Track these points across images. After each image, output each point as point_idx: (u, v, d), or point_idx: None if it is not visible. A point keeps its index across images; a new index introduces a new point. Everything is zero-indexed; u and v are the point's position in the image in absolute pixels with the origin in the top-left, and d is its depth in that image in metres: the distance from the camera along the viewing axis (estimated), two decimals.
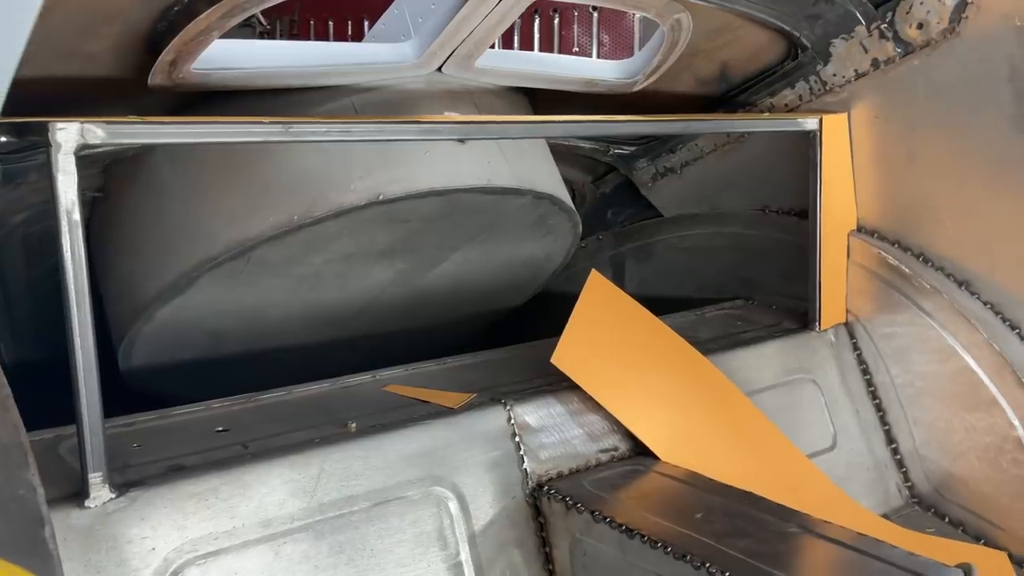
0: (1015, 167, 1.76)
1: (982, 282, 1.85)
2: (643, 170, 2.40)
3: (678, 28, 1.83)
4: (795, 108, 2.04)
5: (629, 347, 1.67)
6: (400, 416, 1.41)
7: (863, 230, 2.00)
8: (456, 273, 2.05)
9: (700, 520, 1.30)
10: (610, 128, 1.89)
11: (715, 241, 2.31)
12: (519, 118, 1.67)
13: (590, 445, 1.53)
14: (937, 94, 1.82)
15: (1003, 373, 1.80)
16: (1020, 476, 1.78)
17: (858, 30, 1.88)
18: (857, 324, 2.01)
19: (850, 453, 1.91)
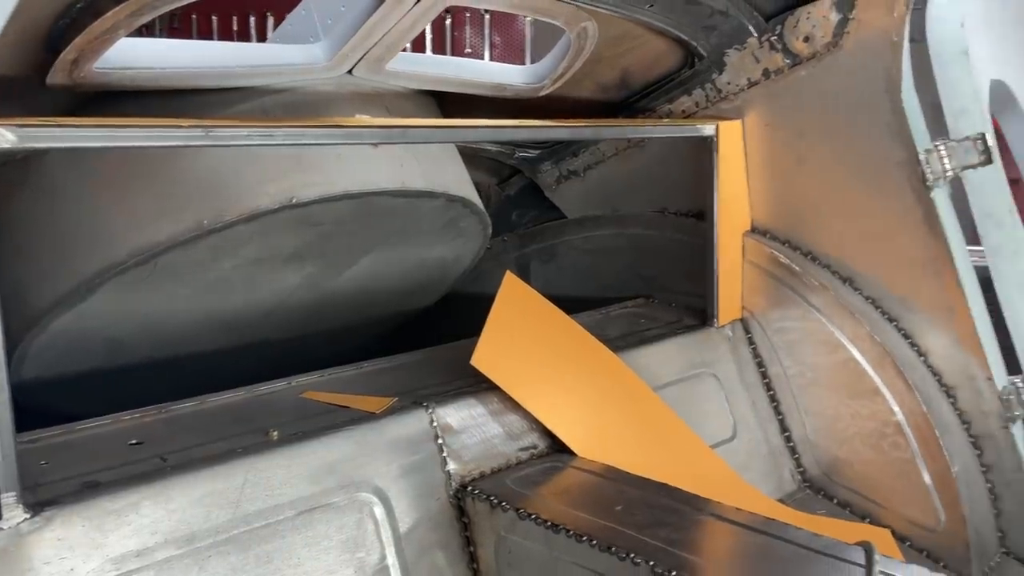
0: (891, 171, 1.90)
1: (863, 278, 1.99)
2: (547, 173, 2.45)
3: (584, 36, 1.88)
4: (692, 114, 2.14)
5: (544, 347, 1.71)
6: (322, 423, 1.40)
7: (756, 231, 2.11)
8: (366, 276, 2.04)
9: (621, 512, 1.35)
10: (524, 133, 1.93)
11: (617, 242, 2.39)
12: (441, 122, 1.69)
13: (510, 444, 1.56)
14: (823, 103, 1.94)
15: (884, 363, 1.94)
16: (900, 458, 1.93)
17: (750, 41, 1.99)
18: (752, 319, 2.12)
19: (748, 442, 2.01)
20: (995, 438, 1.90)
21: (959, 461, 1.88)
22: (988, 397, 1.89)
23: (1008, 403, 1.89)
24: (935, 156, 1.86)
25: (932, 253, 1.89)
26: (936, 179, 1.87)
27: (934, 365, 1.93)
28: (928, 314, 1.93)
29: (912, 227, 1.90)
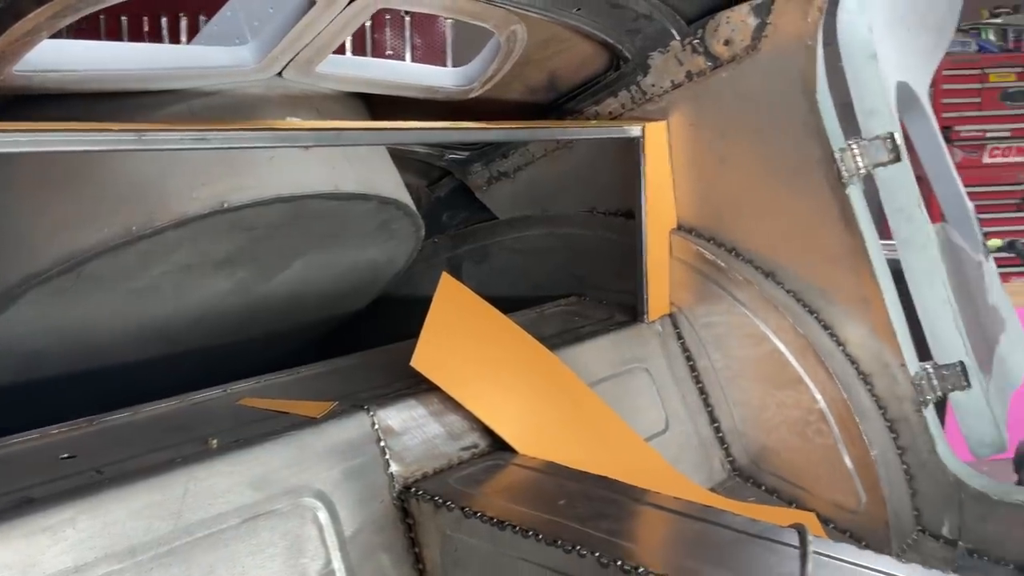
0: (809, 169, 1.98)
1: (785, 273, 2.07)
2: (477, 174, 2.47)
3: (513, 39, 1.90)
4: (619, 116, 2.18)
5: (482, 346, 1.73)
6: (262, 429, 1.39)
7: (682, 228, 2.17)
8: (298, 280, 2.02)
9: (564, 506, 1.38)
10: (457, 135, 1.94)
11: (548, 242, 2.42)
12: (376, 124, 1.69)
13: (452, 444, 1.57)
14: (743, 104, 2.01)
15: (806, 354, 2.02)
16: (823, 445, 2.01)
17: (673, 44, 2.05)
18: (680, 315, 2.18)
19: (680, 435, 2.07)
20: (909, 422, 2.00)
21: (877, 445, 1.97)
22: (902, 383, 1.99)
23: (920, 388, 2.00)
24: (849, 154, 1.95)
25: (848, 247, 1.98)
26: (850, 176, 1.96)
27: (852, 354, 2.02)
28: (846, 305, 2.02)
29: (829, 223, 1.98)
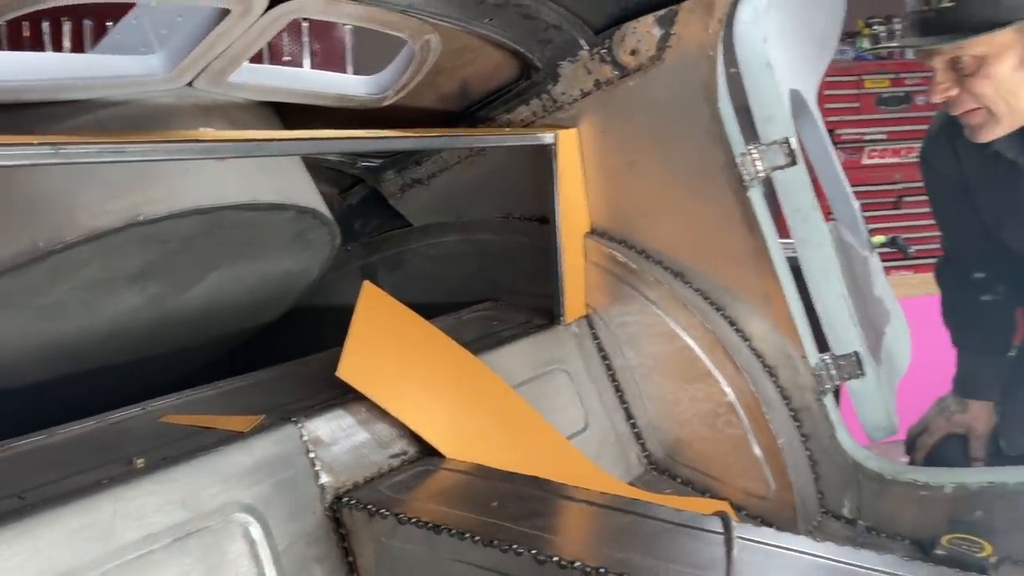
0: (713, 173, 2.07)
1: (693, 272, 2.16)
2: (391, 181, 2.47)
3: (427, 48, 1.92)
4: (531, 123, 2.23)
5: (407, 353, 1.74)
6: (188, 446, 1.36)
7: (595, 232, 2.23)
8: (211, 292, 1.97)
9: (497, 507, 1.41)
10: (379, 144, 1.94)
11: (463, 248, 2.45)
12: (297, 134, 1.67)
13: (381, 452, 1.58)
14: (650, 111, 2.09)
15: (715, 349, 2.11)
16: (733, 435, 2.11)
17: (582, 54, 2.11)
18: (595, 316, 2.24)
19: (599, 432, 2.13)
20: (811, 410, 2.12)
21: (783, 433, 2.09)
22: (803, 374, 2.11)
23: (820, 378, 2.12)
24: (749, 159, 2.06)
25: (751, 247, 2.08)
26: (751, 179, 2.06)
27: (757, 348, 2.13)
28: (750, 302, 2.13)
29: (733, 224, 2.08)
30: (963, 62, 1.71)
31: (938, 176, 2.17)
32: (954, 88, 1.76)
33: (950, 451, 2.29)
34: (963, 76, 1.73)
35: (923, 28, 1.75)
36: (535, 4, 1.91)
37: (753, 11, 2.05)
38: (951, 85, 1.77)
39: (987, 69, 1.70)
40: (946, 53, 1.74)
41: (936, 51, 1.75)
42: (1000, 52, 1.67)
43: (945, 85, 1.77)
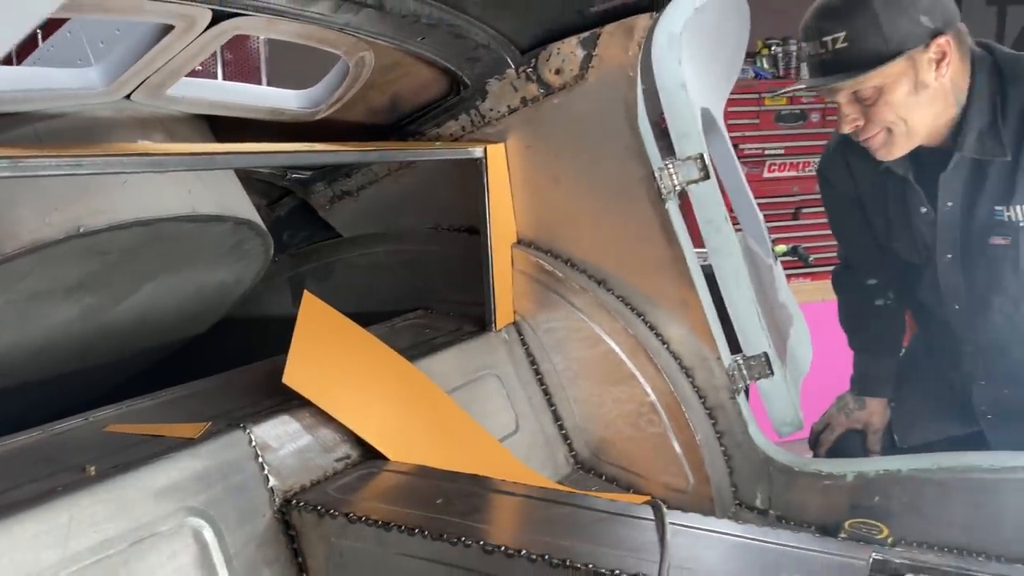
0: (633, 187, 2.19)
1: (615, 280, 2.28)
2: (320, 193, 2.51)
3: (362, 64, 1.98)
4: (459, 137, 2.31)
5: (347, 360, 1.79)
6: (139, 453, 1.38)
7: (522, 242, 2.33)
8: (145, 304, 1.98)
9: (442, 504, 1.48)
10: (313, 158, 1.98)
11: (393, 258, 2.51)
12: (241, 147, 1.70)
13: (326, 456, 1.63)
14: (574, 127, 2.20)
15: (637, 352, 2.23)
16: (655, 433, 2.23)
17: (509, 72, 2.20)
18: (523, 322, 2.33)
19: (529, 434, 2.22)
20: (725, 408, 2.26)
21: (701, 430, 2.22)
22: (718, 374, 2.25)
23: (733, 378, 2.26)
24: (666, 173, 2.19)
25: (669, 256, 2.21)
26: (668, 193, 2.19)
27: (675, 351, 2.26)
28: (668, 308, 2.25)
29: (652, 234, 2.21)
30: (864, 94, 1.87)
31: (834, 191, 2.34)
32: (860, 119, 1.92)
33: (850, 446, 2.46)
34: (866, 106, 1.90)
35: (823, 69, 1.91)
36: (466, 24, 1.99)
37: (668, 35, 2.18)
38: (857, 116, 1.93)
39: (886, 97, 1.86)
40: (848, 88, 1.90)
41: (839, 88, 1.90)
42: (895, 81, 1.85)
43: (852, 116, 1.93)
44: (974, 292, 2.08)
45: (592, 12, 2.07)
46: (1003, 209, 1.94)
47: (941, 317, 2.21)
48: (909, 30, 1.82)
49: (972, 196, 1.98)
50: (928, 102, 1.88)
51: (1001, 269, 2.00)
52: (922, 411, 2.38)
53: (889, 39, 1.81)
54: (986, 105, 1.89)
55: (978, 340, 2.15)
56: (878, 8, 1.80)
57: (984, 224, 1.98)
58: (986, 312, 2.09)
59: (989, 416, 2.25)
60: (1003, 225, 1.95)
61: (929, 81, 1.86)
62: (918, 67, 1.84)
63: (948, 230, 2.05)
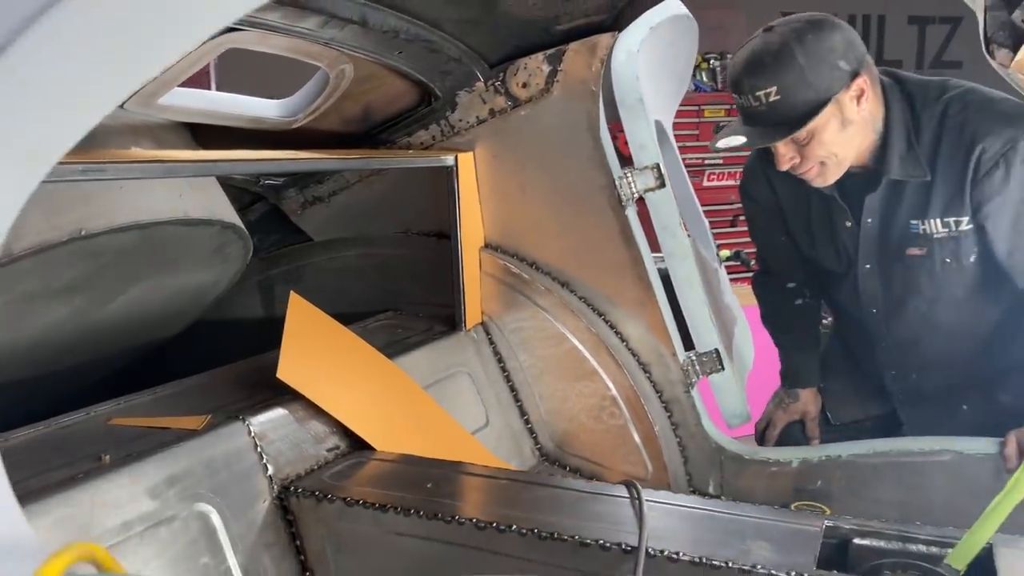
0: (595, 194, 2.32)
1: (578, 282, 2.41)
2: (292, 199, 2.59)
3: (341, 76, 2.08)
4: (429, 146, 2.42)
5: (334, 357, 1.89)
6: (148, 444, 1.46)
7: (490, 246, 2.45)
8: (131, 304, 2.04)
9: (432, 488, 1.59)
10: (298, 165, 2.07)
11: (363, 261, 2.60)
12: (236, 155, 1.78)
13: (318, 447, 1.72)
14: (540, 138, 2.33)
15: (599, 349, 2.37)
16: (616, 425, 2.38)
17: (478, 85, 2.32)
18: (491, 322, 2.46)
19: (498, 427, 2.34)
20: (680, 401, 2.41)
21: (658, 422, 2.37)
22: (673, 369, 2.40)
23: (687, 372, 2.41)
24: (625, 182, 2.33)
25: (628, 259, 2.35)
26: (627, 200, 2.34)
27: (634, 348, 2.40)
28: (627, 308, 2.40)
29: (612, 239, 2.35)
30: (799, 137, 2.03)
31: (756, 204, 2.51)
32: (797, 157, 2.08)
33: (793, 436, 2.64)
34: (801, 146, 2.06)
35: (757, 120, 2.04)
36: (440, 40, 2.11)
37: (627, 52, 2.34)
38: (793, 155, 2.08)
39: (818, 137, 2.02)
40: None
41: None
42: (825, 123, 2.01)
43: (788, 156, 2.08)
44: (890, 296, 2.27)
45: (558, 30, 2.21)
46: (919, 223, 2.12)
47: (858, 318, 2.40)
48: (832, 77, 1.97)
49: (890, 212, 2.16)
50: (853, 135, 2.05)
51: (917, 276, 2.19)
52: (846, 395, 2.58)
53: (817, 89, 1.96)
54: (902, 131, 2.07)
55: (892, 337, 2.34)
56: (802, 62, 1.94)
57: (901, 237, 2.16)
58: (901, 313, 2.28)
59: (901, 398, 2.46)
60: (919, 237, 2.13)
61: (853, 117, 2.02)
62: (843, 107, 2.00)
63: (869, 243, 2.23)
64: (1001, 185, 2.00)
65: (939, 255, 2.13)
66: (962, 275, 2.14)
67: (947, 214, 2.08)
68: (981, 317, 2.21)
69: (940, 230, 2.10)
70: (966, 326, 2.24)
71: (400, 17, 1.93)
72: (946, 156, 2.05)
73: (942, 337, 2.27)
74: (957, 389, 2.31)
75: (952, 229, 2.09)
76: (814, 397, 2.57)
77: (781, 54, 1.95)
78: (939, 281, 2.17)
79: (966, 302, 2.19)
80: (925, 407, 2.36)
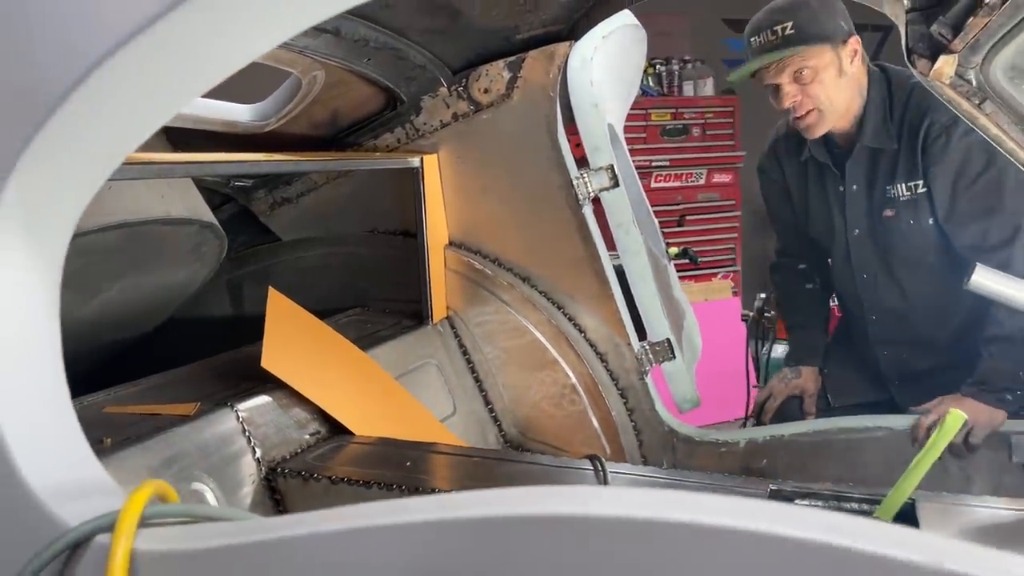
0: (554, 194, 2.46)
1: (538, 277, 2.54)
2: (261, 200, 2.67)
3: (313, 82, 2.19)
4: (395, 149, 2.53)
5: (312, 348, 1.99)
6: (144, 428, 1.55)
7: (454, 244, 2.57)
8: (110, 302, 2.10)
9: (411, 467, 1.71)
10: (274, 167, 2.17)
11: (330, 260, 2.70)
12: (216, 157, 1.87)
13: (300, 432, 1.82)
14: (501, 141, 2.46)
15: (559, 340, 2.51)
16: (576, 411, 2.52)
17: (441, 90, 2.44)
18: (456, 317, 2.58)
19: (464, 416, 2.46)
20: (635, 388, 2.56)
21: (615, 407, 2.52)
22: (628, 358, 2.55)
23: (641, 361, 2.57)
24: (582, 182, 2.48)
25: (585, 255, 2.49)
26: (584, 199, 2.48)
27: (591, 339, 2.55)
28: (584, 301, 2.54)
29: (570, 236, 2.49)
30: (803, 74, 2.37)
31: (770, 181, 2.79)
32: (799, 95, 2.39)
33: (791, 409, 2.80)
34: (803, 85, 2.37)
35: (775, 50, 2.37)
36: (406, 48, 2.23)
37: (581, 59, 2.49)
38: (796, 93, 2.39)
39: (820, 76, 2.36)
40: (794, 64, 2.37)
41: (786, 64, 2.37)
42: (827, 65, 2.35)
43: (792, 93, 2.40)
44: (877, 259, 2.54)
45: (517, 39, 2.34)
46: (891, 188, 2.43)
47: (852, 292, 2.62)
48: (836, 26, 2.36)
49: (871, 179, 2.47)
50: (846, 87, 2.39)
51: (892, 237, 2.48)
52: (847, 379, 2.78)
53: (824, 29, 2.34)
54: (880, 105, 2.41)
55: (882, 305, 2.56)
56: (816, 6, 2.35)
57: (880, 201, 2.46)
58: (888, 278, 2.54)
59: (896, 382, 2.67)
60: (891, 201, 2.44)
61: (848, 69, 2.38)
62: (841, 57, 2.37)
63: (856, 208, 2.52)
64: (942, 153, 2.33)
65: (904, 217, 2.43)
66: (925, 237, 2.43)
67: (909, 178, 2.40)
68: (958, 290, 2.41)
69: (904, 193, 2.42)
70: (945, 298, 2.49)
71: (370, 27, 2.04)
72: (907, 127, 2.39)
73: (926, 308, 2.53)
74: (948, 371, 2.52)
75: (913, 192, 2.40)
76: (814, 376, 2.78)
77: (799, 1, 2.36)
78: (908, 242, 2.45)
79: (939, 269, 2.45)
80: (919, 390, 2.53)
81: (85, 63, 0.68)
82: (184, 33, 0.69)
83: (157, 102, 0.78)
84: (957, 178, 2.33)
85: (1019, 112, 1.83)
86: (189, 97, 0.82)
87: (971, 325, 2.48)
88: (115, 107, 0.76)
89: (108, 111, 0.76)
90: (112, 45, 0.67)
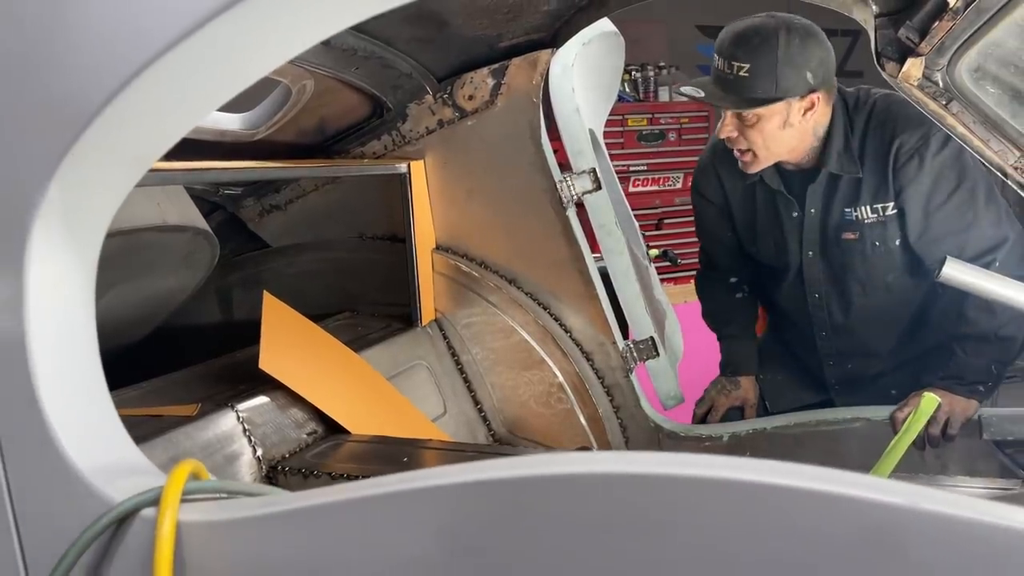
0: (538, 197, 2.52)
1: (524, 278, 2.60)
2: (250, 207, 2.71)
3: (303, 91, 2.24)
4: (382, 155, 2.58)
5: (308, 349, 2.03)
6: (149, 429, 1.59)
7: (441, 248, 2.62)
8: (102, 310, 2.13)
9: (408, 462, 1.75)
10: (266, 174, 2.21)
11: (319, 266, 2.74)
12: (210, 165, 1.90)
13: (299, 431, 1.87)
14: (486, 146, 2.51)
15: (546, 340, 2.57)
16: (564, 409, 2.57)
17: (427, 98, 2.49)
18: (444, 319, 2.63)
19: (455, 416, 2.51)
20: (620, 386, 2.62)
21: (602, 405, 2.58)
22: (614, 357, 2.61)
23: (626, 359, 2.63)
24: (565, 185, 2.54)
25: (569, 256, 2.55)
26: (568, 202, 2.54)
27: (577, 338, 2.61)
28: (569, 301, 2.60)
29: (555, 238, 2.54)
30: (745, 116, 2.30)
31: (705, 201, 2.75)
32: (735, 133, 2.35)
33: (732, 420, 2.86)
34: (744, 126, 2.32)
35: (723, 85, 2.31)
36: (393, 57, 2.28)
37: (562, 67, 2.55)
38: (734, 130, 2.35)
39: (761, 124, 2.30)
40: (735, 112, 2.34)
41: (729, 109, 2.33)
42: (772, 115, 2.28)
43: (730, 128, 2.35)
44: (831, 280, 2.55)
45: (501, 47, 2.40)
46: (852, 210, 2.42)
47: (802, 309, 2.64)
48: (795, 82, 2.24)
49: (828, 203, 2.45)
50: (789, 138, 2.33)
51: (852, 258, 2.47)
52: (785, 384, 2.83)
53: (778, 86, 2.24)
54: (841, 132, 2.37)
55: (832, 323, 2.60)
56: (779, 57, 2.21)
57: (838, 224, 2.45)
58: (840, 297, 2.55)
59: (837, 387, 2.72)
60: (853, 223, 2.43)
61: (796, 123, 2.31)
62: (791, 111, 2.29)
63: (811, 231, 2.51)
64: (915, 175, 2.31)
65: (869, 238, 2.42)
66: (890, 257, 2.43)
67: (875, 201, 2.38)
68: (908, 303, 2.48)
69: (870, 216, 2.40)
70: (895, 311, 2.53)
71: (358, 36, 2.10)
72: (872, 151, 2.36)
73: (876, 323, 2.55)
74: (886, 374, 2.59)
75: (880, 215, 2.39)
76: (753, 385, 2.80)
77: (767, 41, 2.22)
78: (870, 263, 2.46)
79: (895, 286, 2.48)
80: (858, 393, 2.61)
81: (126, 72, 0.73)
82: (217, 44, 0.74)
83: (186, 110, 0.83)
84: (931, 197, 2.31)
85: (984, 112, 1.92)
86: (215, 104, 0.87)
87: (915, 327, 2.54)
88: (149, 114, 0.81)
89: (143, 118, 0.81)
90: (152, 55, 0.72)
